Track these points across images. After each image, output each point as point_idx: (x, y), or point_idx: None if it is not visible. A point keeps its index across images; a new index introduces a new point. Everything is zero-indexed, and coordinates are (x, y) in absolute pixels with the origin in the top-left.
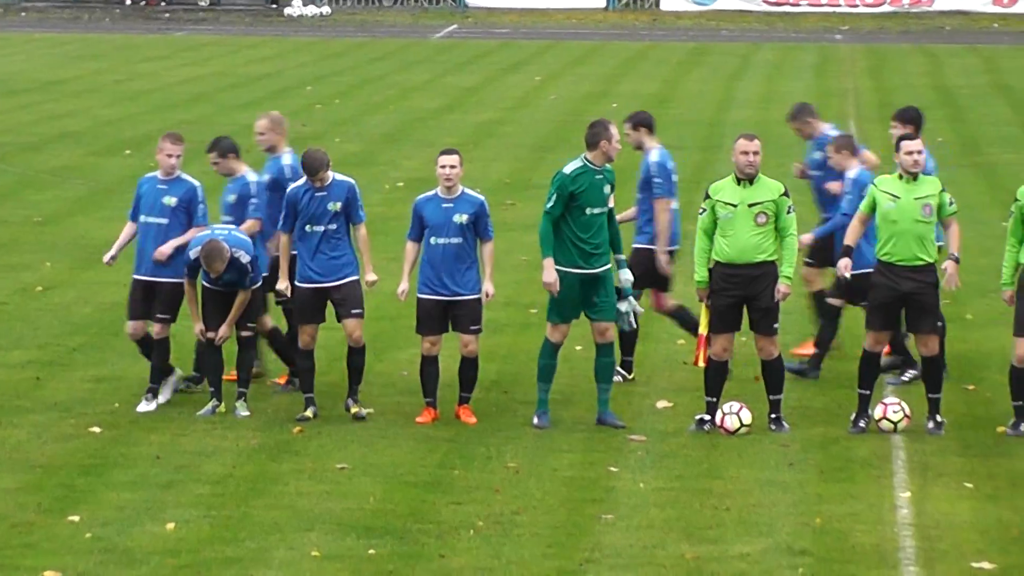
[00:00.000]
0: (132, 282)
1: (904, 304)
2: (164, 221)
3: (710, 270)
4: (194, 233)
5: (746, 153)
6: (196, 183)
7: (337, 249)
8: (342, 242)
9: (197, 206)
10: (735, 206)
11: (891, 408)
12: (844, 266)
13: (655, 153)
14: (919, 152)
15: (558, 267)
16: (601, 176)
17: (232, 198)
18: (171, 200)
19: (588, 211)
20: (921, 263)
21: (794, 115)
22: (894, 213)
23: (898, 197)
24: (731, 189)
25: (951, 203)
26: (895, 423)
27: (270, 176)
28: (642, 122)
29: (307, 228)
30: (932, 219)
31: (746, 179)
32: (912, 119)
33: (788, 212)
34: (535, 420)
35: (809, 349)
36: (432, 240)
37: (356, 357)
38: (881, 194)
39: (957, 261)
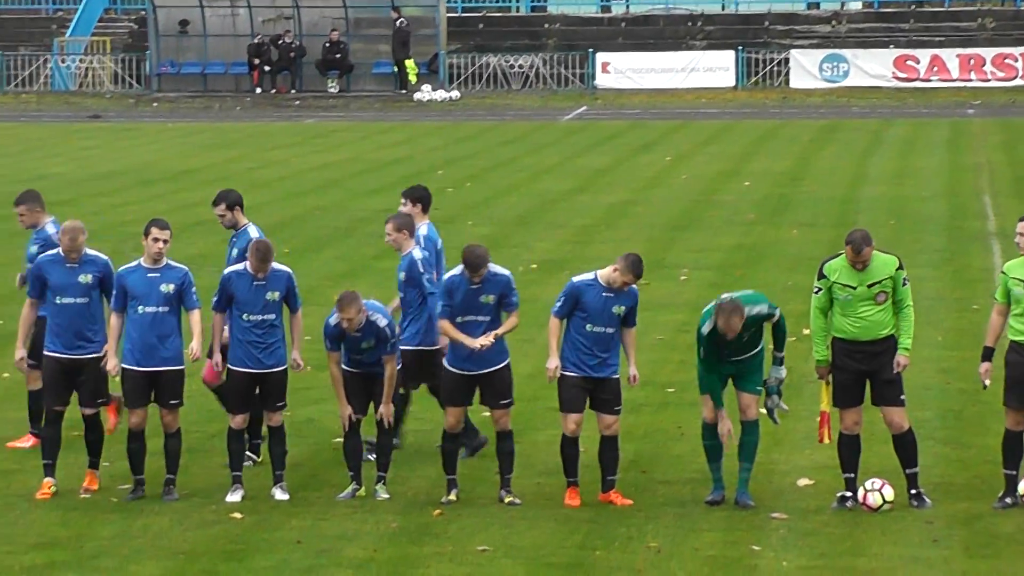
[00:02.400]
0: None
1: None
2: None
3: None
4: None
5: (854, 263)
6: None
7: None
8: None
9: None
10: (854, 288)
11: None
12: (985, 372)
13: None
14: None
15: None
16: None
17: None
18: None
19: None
20: None
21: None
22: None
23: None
24: (847, 271)
25: None
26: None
27: None
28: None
29: (459, 319)
30: None
31: (859, 262)
32: None
33: (903, 284)
34: (746, 500)
35: None
36: (588, 327)
37: (505, 443)
38: (1012, 280)
39: None
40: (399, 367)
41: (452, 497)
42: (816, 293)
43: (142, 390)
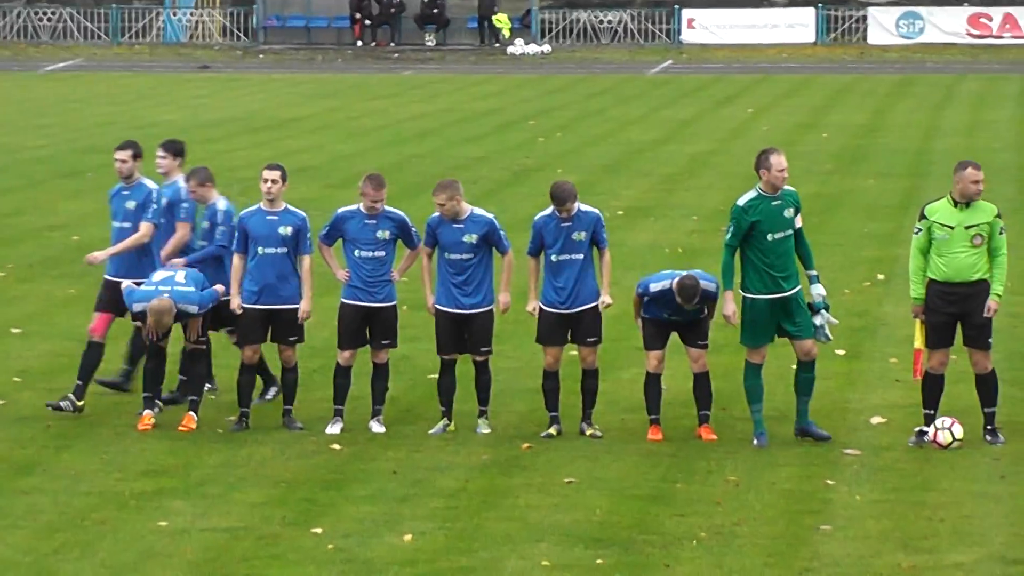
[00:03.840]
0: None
1: None
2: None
3: (927, 288)
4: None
5: (976, 182)
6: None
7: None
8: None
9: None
10: (952, 228)
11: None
12: None
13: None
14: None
15: (748, 294)
16: (779, 202)
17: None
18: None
19: (769, 237)
20: None
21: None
22: None
23: None
24: (948, 211)
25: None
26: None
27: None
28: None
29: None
30: None
31: (963, 202)
32: None
33: (1000, 233)
34: (754, 441)
35: None
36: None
37: (590, 380)
38: None
39: None
40: None
41: (552, 431)
42: (916, 234)
43: (258, 327)
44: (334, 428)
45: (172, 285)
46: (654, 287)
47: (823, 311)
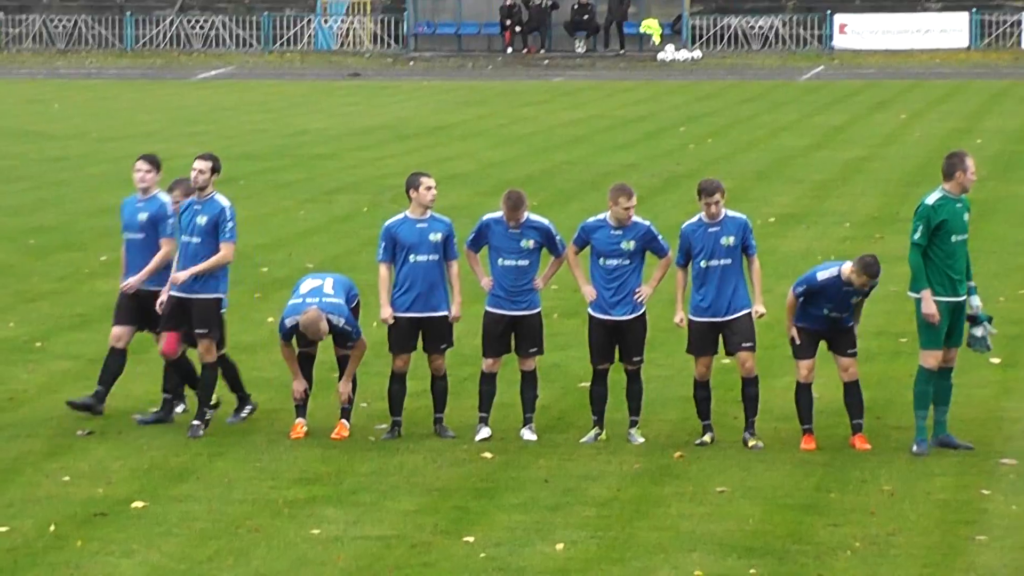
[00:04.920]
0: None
1: None
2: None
3: None
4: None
5: None
6: None
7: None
8: None
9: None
10: None
11: None
12: None
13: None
14: None
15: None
16: (960, 204)
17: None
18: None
19: (953, 238)
20: None
21: None
22: None
23: None
24: None
25: None
26: None
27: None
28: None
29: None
30: None
31: None
32: None
33: None
34: (914, 447)
35: None
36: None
37: (750, 387)
38: None
39: None
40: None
41: (706, 439)
42: None
43: (409, 336)
44: (482, 434)
45: (320, 296)
46: (822, 275)
47: (985, 323)
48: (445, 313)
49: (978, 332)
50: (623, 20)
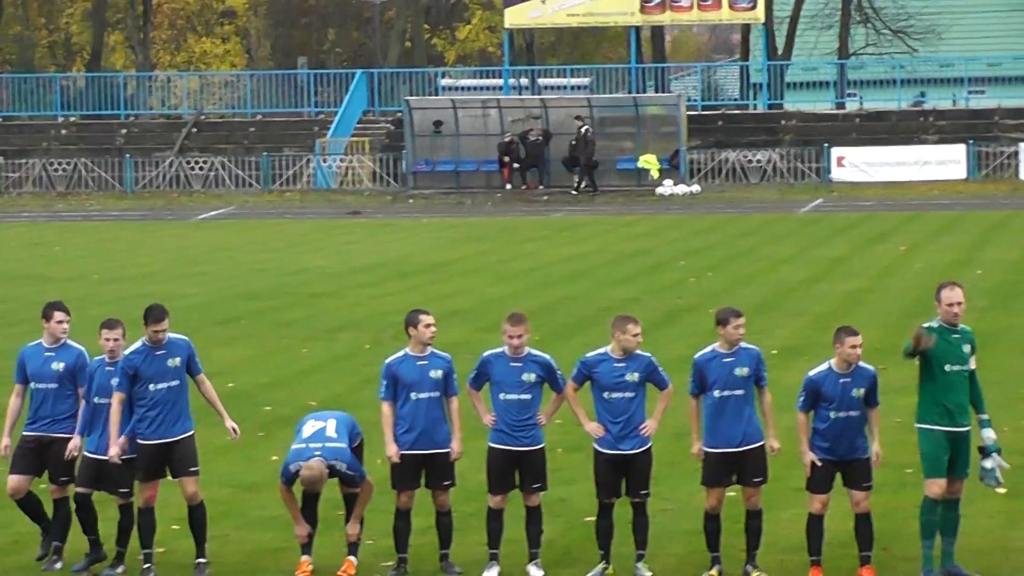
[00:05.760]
0: None
1: None
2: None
3: None
4: None
5: None
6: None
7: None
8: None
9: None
10: None
11: None
12: None
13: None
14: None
15: (926, 425)
16: (958, 336)
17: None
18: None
19: (947, 368)
20: None
21: None
22: None
23: None
24: None
25: None
26: None
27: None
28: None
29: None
30: None
31: None
32: None
33: None
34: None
35: None
36: (831, 414)
37: (754, 520)
38: None
39: None
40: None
41: (713, 573)
42: None
43: (413, 472)
44: (491, 572)
45: (323, 441)
46: (813, 372)
47: (995, 454)
48: (448, 450)
49: (988, 464)
50: (589, 163)
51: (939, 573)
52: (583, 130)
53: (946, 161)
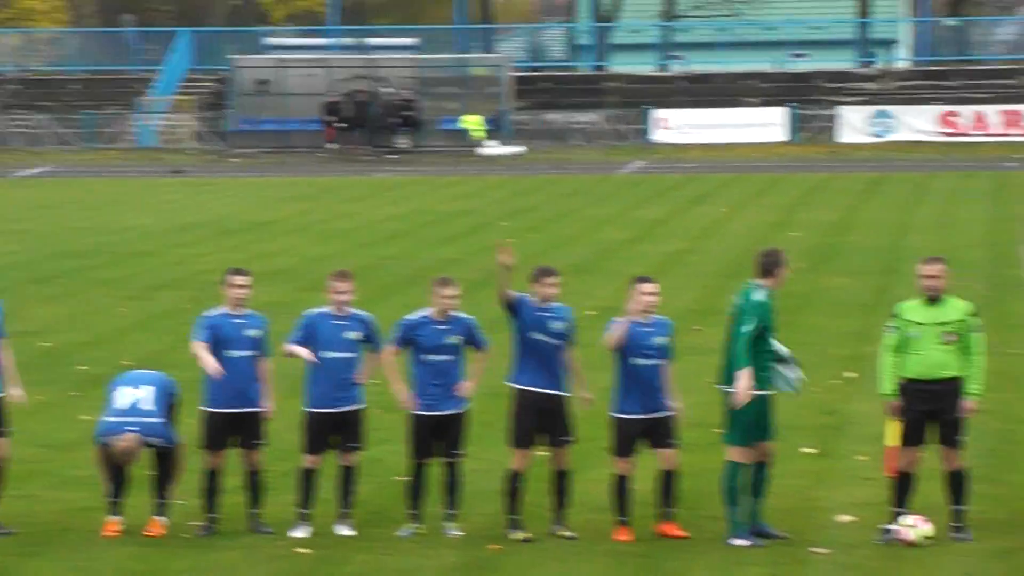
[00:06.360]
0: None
1: None
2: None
3: (900, 386)
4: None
5: (929, 276)
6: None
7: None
8: None
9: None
10: (923, 325)
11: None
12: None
13: None
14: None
15: (755, 391)
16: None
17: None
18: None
19: (768, 335)
20: None
21: None
22: None
23: None
24: (919, 309)
25: None
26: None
27: None
28: None
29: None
30: None
31: (934, 300)
32: None
33: (976, 331)
34: (729, 538)
35: None
36: (632, 360)
37: (563, 480)
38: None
39: None
40: None
41: (520, 535)
42: (888, 332)
43: (224, 432)
44: (298, 531)
45: (138, 416)
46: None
47: (792, 363)
48: (260, 409)
49: (790, 373)
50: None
51: (748, 531)
52: (375, 91)
53: (767, 124)
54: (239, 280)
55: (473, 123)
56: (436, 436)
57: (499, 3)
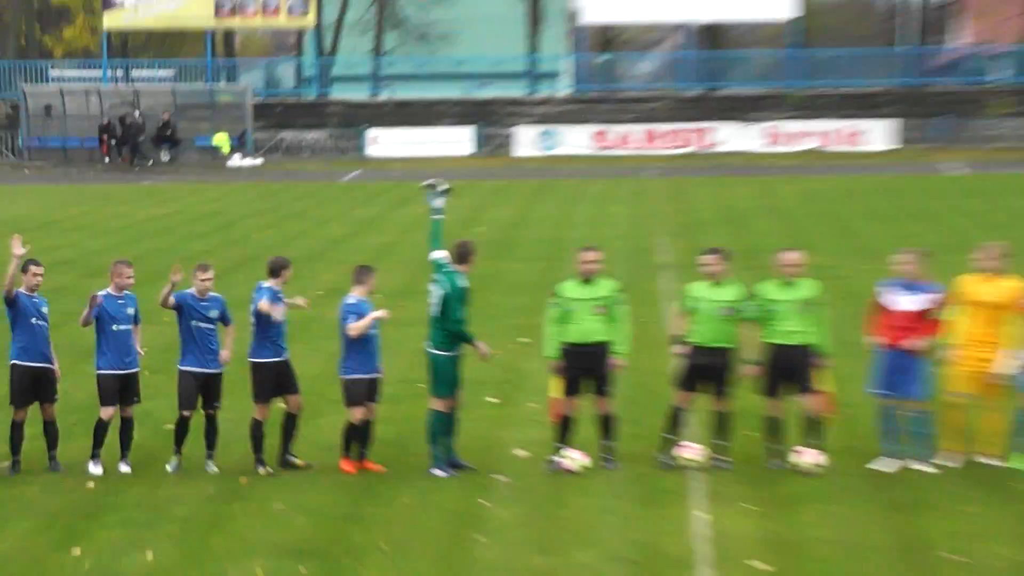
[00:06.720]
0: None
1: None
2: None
3: (560, 350)
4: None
5: (587, 262)
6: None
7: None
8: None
9: None
10: (580, 301)
11: (691, 449)
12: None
13: None
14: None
15: (442, 352)
16: (467, 286)
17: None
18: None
19: (459, 312)
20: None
21: None
22: None
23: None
24: (576, 288)
25: None
26: (694, 461)
27: None
28: None
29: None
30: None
31: (588, 280)
32: None
33: (620, 304)
34: (431, 470)
35: None
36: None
37: (290, 421)
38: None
39: None
40: None
41: (262, 471)
42: (551, 306)
43: (27, 389)
44: (96, 469)
45: None
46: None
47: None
48: (54, 367)
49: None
50: (137, 142)
51: (445, 463)
52: (136, 114)
53: (457, 140)
54: (35, 269)
55: (221, 140)
56: (199, 390)
57: (240, 41)
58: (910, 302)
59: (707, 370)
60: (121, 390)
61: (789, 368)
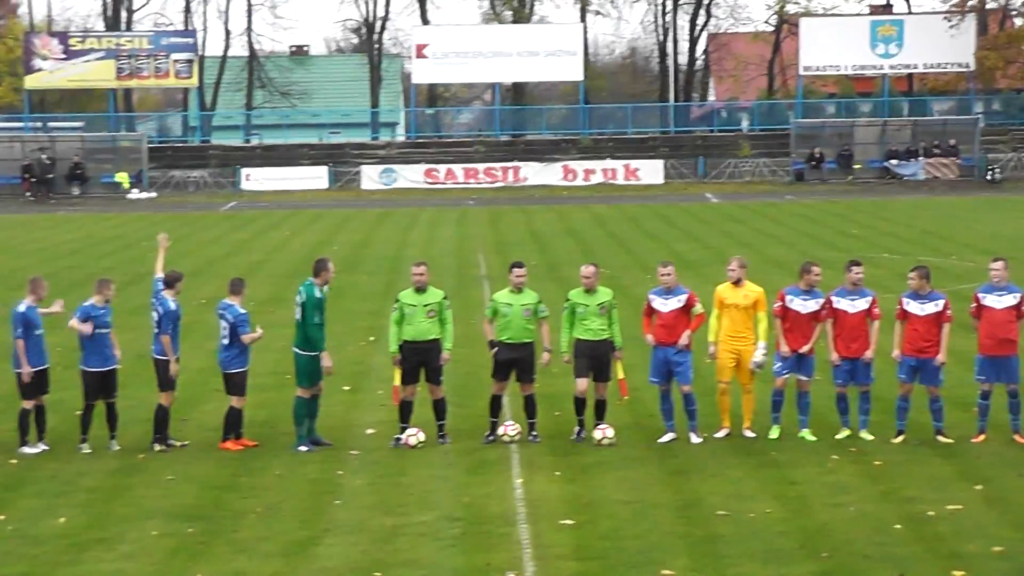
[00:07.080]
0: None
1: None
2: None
3: (400, 346)
4: None
5: (419, 275)
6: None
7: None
8: None
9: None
10: (415, 306)
11: (510, 428)
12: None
13: None
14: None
15: (301, 351)
16: (322, 294)
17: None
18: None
19: (316, 318)
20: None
21: None
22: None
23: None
24: (412, 296)
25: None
26: (512, 437)
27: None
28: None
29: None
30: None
31: (421, 289)
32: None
33: (446, 308)
34: (296, 447)
35: None
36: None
37: (161, 409)
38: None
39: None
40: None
41: (159, 448)
42: (393, 311)
43: (97, 388)
44: (32, 450)
45: None
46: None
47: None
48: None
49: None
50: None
51: (307, 441)
52: (43, 157)
53: (315, 177)
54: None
55: (122, 178)
56: (103, 385)
57: (138, 98)
58: (669, 304)
59: (516, 362)
60: (40, 380)
61: (595, 358)
